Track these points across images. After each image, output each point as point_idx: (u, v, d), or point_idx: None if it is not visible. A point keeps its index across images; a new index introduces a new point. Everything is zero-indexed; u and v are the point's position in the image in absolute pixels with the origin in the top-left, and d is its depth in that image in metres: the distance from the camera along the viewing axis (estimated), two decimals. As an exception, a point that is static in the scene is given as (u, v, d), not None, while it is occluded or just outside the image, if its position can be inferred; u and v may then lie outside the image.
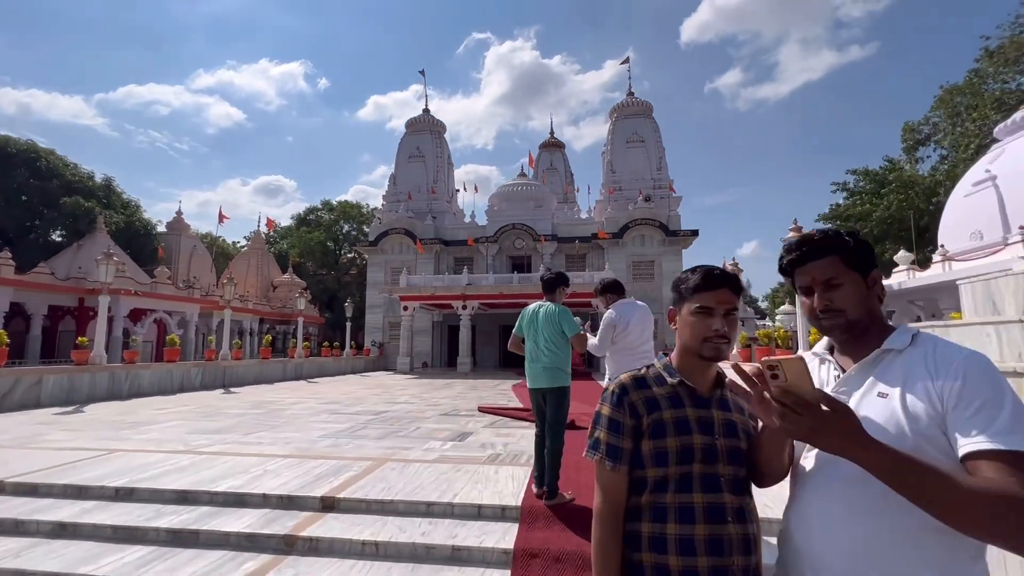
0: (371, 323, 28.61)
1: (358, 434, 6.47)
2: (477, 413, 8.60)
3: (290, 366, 18.34)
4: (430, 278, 22.92)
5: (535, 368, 3.76)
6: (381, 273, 28.63)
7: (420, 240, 27.46)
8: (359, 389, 13.70)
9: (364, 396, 11.61)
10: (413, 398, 11.22)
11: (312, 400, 10.61)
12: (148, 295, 23.50)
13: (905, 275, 19.47)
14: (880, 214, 29.41)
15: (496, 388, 14.17)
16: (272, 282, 40.53)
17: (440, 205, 30.04)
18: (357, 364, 23.67)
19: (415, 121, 31.97)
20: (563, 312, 3.76)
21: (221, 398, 11.17)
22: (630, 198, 27.50)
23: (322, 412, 8.65)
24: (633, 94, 30.29)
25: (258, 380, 16.27)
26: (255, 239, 41.39)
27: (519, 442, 5.94)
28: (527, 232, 26.90)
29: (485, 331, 28.00)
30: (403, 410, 8.95)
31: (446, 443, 5.88)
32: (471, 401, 10.56)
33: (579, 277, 22.19)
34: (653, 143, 28.57)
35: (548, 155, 40.71)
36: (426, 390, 13.52)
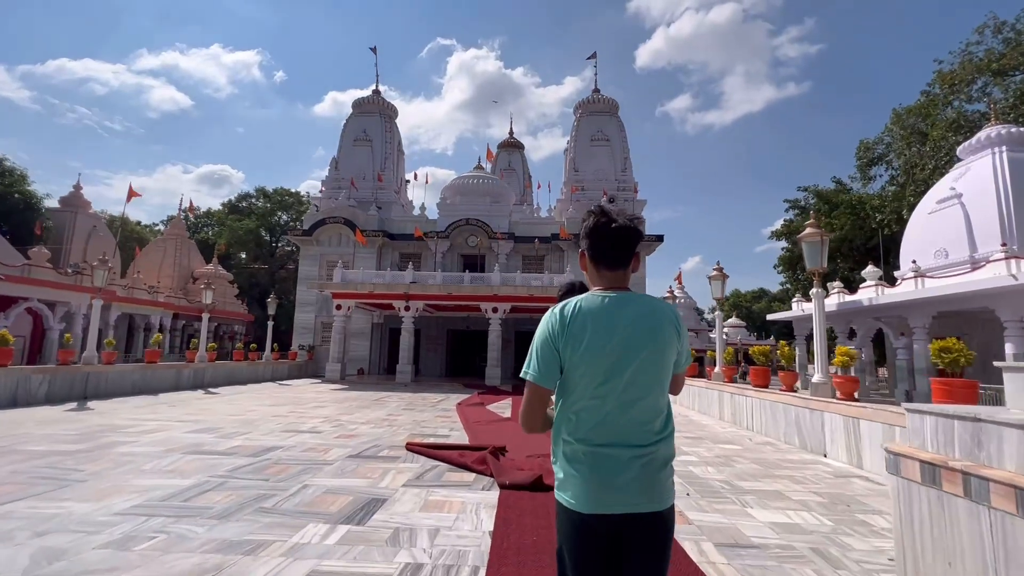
0: (301, 323, 25.29)
1: (194, 505, 3.92)
2: (403, 453, 6.19)
3: (187, 373, 15.05)
4: (369, 274, 20.09)
5: (614, 460, 1.37)
6: (315, 267, 25.39)
7: (362, 232, 24.51)
8: (262, 407, 10.85)
9: (260, 419, 8.86)
10: (326, 423, 8.61)
11: (181, 426, 7.79)
12: (16, 280, 19.24)
13: (874, 291, 18.60)
14: (834, 234, 29.48)
15: (438, 406, 11.73)
16: (192, 273, 35.94)
17: (387, 195, 27.19)
18: (279, 370, 20.42)
19: (363, 102, 28.98)
20: (679, 318, 1.53)
21: (45, 421, 8.10)
22: (593, 199, 25.80)
23: (176, 451, 5.95)
24: (599, 91, 28.79)
25: (139, 390, 12.98)
26: (173, 224, 36.69)
27: (458, 529, 3.61)
28: (482, 229, 24.59)
29: (431, 335, 25.38)
30: (300, 447, 6.38)
31: (333, 530, 3.47)
32: (401, 429, 8.10)
33: (537, 280, 20.14)
34: (618, 143, 27.12)
35: (507, 155, 38.67)
36: (349, 408, 10.88)
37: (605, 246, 1.44)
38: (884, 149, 31.05)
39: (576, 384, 1.38)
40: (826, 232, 7.70)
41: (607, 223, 1.43)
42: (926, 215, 19.13)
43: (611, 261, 1.45)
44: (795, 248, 32.09)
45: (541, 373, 1.38)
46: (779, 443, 7.80)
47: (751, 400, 9.19)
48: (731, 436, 8.42)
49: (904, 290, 17.07)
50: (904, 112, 29.38)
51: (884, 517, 4.16)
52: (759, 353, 9.25)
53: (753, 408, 9.10)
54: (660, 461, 1.39)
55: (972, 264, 15.55)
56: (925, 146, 26.77)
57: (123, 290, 27.13)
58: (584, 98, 28.44)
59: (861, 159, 31.61)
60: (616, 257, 1.45)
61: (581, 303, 1.42)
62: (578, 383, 1.38)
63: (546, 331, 1.40)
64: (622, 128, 27.55)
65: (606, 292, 1.43)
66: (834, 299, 18.80)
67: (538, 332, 1.44)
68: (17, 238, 25.01)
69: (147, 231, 46.78)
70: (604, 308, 1.40)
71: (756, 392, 9.01)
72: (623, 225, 1.44)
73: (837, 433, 6.50)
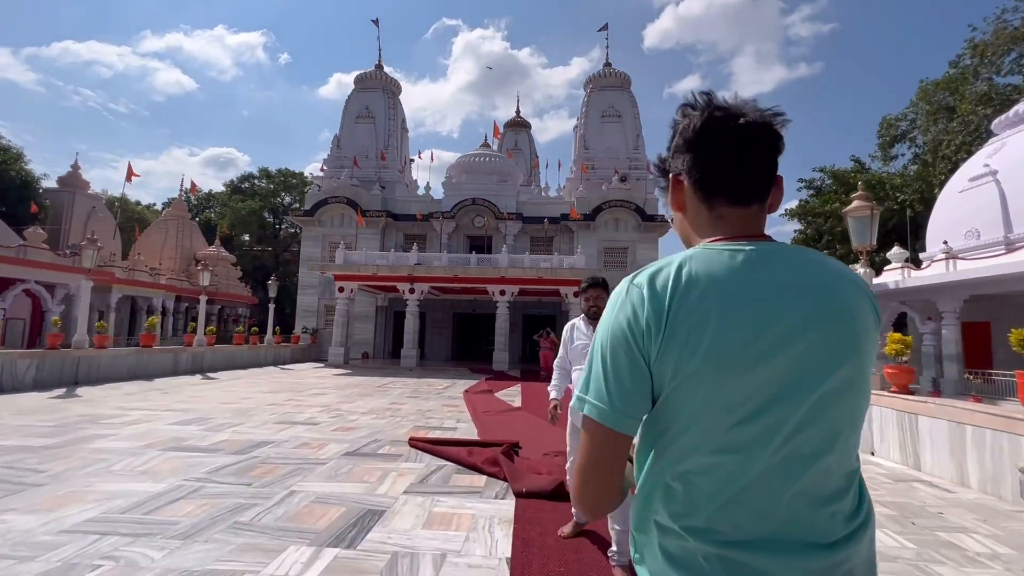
0: (304, 305, 24.77)
1: (159, 518, 3.33)
2: (406, 450, 5.59)
3: (185, 357, 14.57)
4: (372, 255, 19.43)
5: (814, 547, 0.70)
6: (317, 248, 24.76)
7: (366, 212, 23.78)
8: (258, 393, 10.32)
9: (255, 407, 8.31)
10: (324, 412, 8.05)
11: (167, 417, 7.24)
12: (12, 261, 18.76)
13: (900, 274, 17.75)
14: (852, 212, 28.39)
15: (444, 394, 11.16)
16: (195, 255, 35.45)
17: (390, 174, 26.36)
18: (281, 354, 19.96)
19: (366, 77, 27.95)
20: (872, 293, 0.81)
21: (25, 410, 7.59)
22: (604, 178, 24.90)
23: (155, 446, 5.38)
24: (610, 65, 27.58)
25: (134, 375, 12.51)
26: (175, 205, 36.09)
27: (469, 554, 2.99)
28: (488, 209, 23.78)
29: (436, 319, 24.82)
30: (293, 443, 5.80)
31: (318, 556, 2.86)
32: (404, 421, 7.51)
33: (546, 261, 19.41)
34: (631, 119, 26.04)
35: (513, 134, 37.55)
36: (351, 396, 10.33)
37: (729, 160, 0.79)
38: (908, 126, 29.74)
39: (688, 422, 0.72)
40: (876, 206, 6.93)
41: (729, 118, 0.78)
42: (956, 194, 18.13)
43: (741, 187, 0.79)
44: (808, 229, 31.07)
45: (615, 404, 0.73)
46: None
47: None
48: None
49: (934, 272, 16.19)
50: (931, 86, 27.98)
51: (972, 537, 3.51)
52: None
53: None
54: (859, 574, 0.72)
55: (1007, 245, 14.66)
56: (952, 122, 25.51)
57: (124, 272, 26.67)
58: (595, 72, 27.26)
59: (883, 136, 30.31)
60: (749, 179, 0.79)
61: (692, 265, 0.73)
62: (693, 421, 0.71)
63: (621, 323, 0.74)
64: (634, 103, 26.43)
65: (735, 244, 0.76)
66: (856, 282, 18.01)
67: (602, 328, 0.78)
68: (14, 219, 24.52)
69: (150, 212, 46.25)
70: (741, 273, 0.72)
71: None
72: (756, 121, 0.78)
73: (889, 430, 5.84)
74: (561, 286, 18.64)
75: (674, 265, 0.73)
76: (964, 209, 17.03)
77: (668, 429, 0.73)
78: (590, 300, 3.04)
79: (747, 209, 0.79)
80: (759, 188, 0.79)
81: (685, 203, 0.83)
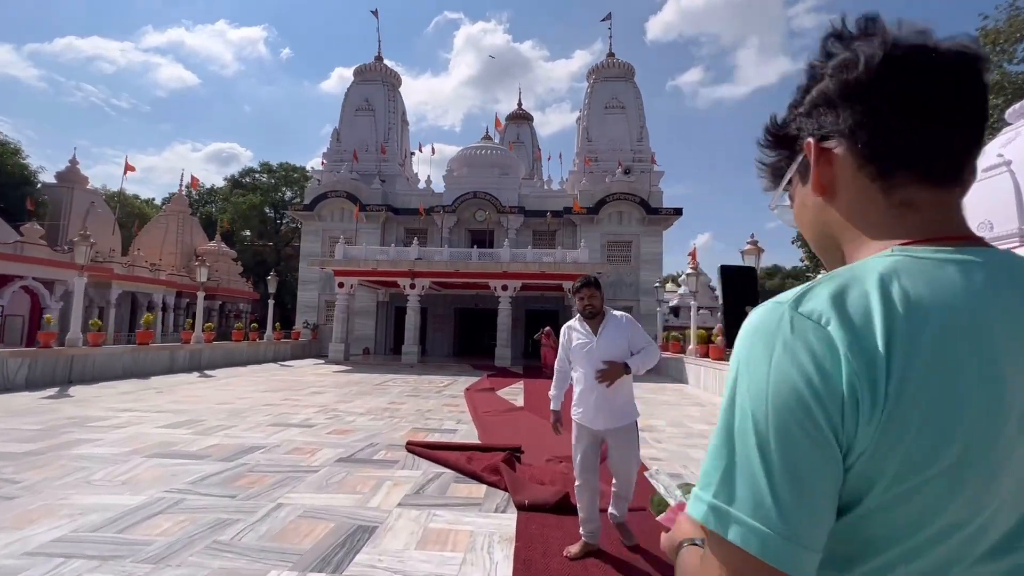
0: (304, 301, 24.57)
1: (132, 538, 3.08)
2: (402, 455, 5.33)
3: (182, 355, 14.36)
4: (373, 250, 19.16)
5: None
6: (317, 243, 24.51)
7: (366, 206, 23.49)
8: (255, 392, 10.10)
9: (249, 408, 8.08)
10: (321, 413, 7.81)
11: (158, 419, 7.01)
12: (9, 257, 18.59)
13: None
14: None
15: (445, 392, 10.91)
16: (196, 250, 35.27)
17: (391, 168, 26.03)
18: (281, 350, 19.77)
19: (365, 69, 27.56)
20: None
21: (13, 411, 7.37)
22: (607, 170, 24.51)
23: (140, 452, 5.15)
24: (613, 55, 27.09)
25: (129, 373, 12.31)
26: (175, 200, 35.88)
27: (466, 580, 2.73)
28: (490, 202, 23.45)
29: (438, 314, 24.58)
30: (285, 448, 5.56)
31: (300, 586, 2.60)
32: (403, 422, 7.27)
33: (549, 256, 19.11)
34: (634, 110, 25.60)
35: (515, 127, 37.06)
36: (349, 395, 10.09)
37: (932, 114, 0.49)
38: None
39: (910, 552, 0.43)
40: None
41: (928, 49, 0.50)
42: (968, 185, 17.78)
43: (946, 156, 0.50)
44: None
45: (792, 527, 0.41)
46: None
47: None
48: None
49: (946, 265, 15.89)
50: (941, 75, 27.38)
51: None
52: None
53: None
54: None
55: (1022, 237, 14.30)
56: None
57: (123, 268, 26.52)
58: (598, 63, 26.79)
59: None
60: (960, 144, 0.50)
61: (906, 285, 0.44)
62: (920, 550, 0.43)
63: (793, 383, 0.43)
64: (638, 95, 25.97)
65: (954, 251, 0.47)
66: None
67: (751, 388, 0.45)
68: (12, 214, 24.34)
69: (151, 208, 46.06)
70: (990, 302, 0.44)
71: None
72: (970, 54, 0.49)
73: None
74: (564, 281, 18.35)
75: (872, 283, 0.44)
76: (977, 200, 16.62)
77: (861, 559, 0.45)
78: (584, 299, 2.98)
79: (948, 193, 0.50)
80: (968, 159, 0.50)
81: (836, 182, 0.54)
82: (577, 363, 3.00)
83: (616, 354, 2.85)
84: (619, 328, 2.94)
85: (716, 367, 12.28)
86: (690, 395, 11.84)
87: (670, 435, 6.84)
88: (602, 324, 2.95)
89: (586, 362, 2.90)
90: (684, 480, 1.07)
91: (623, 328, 2.95)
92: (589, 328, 2.97)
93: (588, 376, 2.88)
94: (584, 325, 3.01)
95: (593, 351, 2.89)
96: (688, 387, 13.64)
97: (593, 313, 2.97)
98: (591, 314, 2.97)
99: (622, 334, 2.92)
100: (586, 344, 2.93)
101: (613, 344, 2.88)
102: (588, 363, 2.89)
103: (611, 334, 2.91)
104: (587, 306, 2.98)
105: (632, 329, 2.97)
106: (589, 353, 2.90)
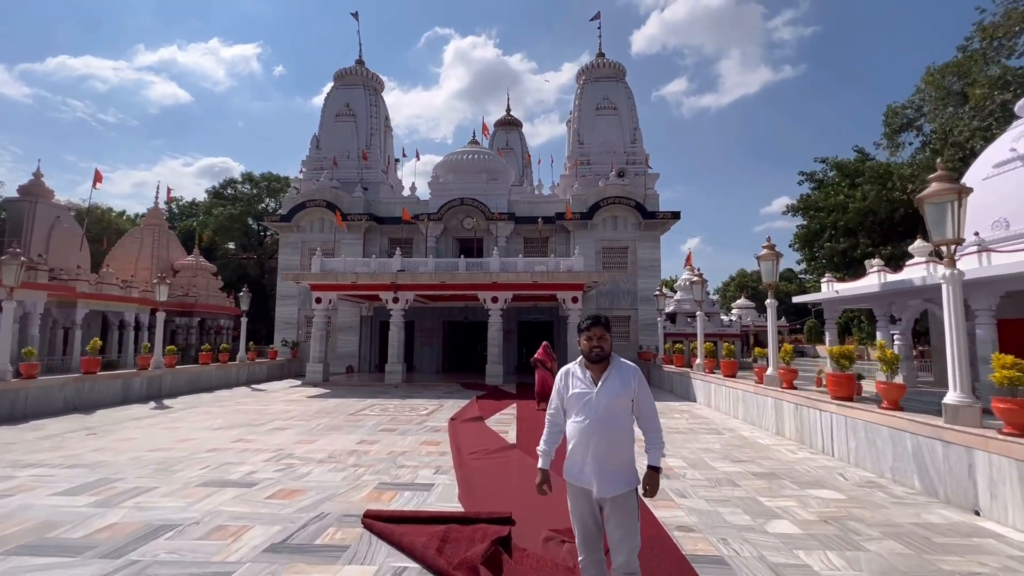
0: (283, 317, 23.18)
1: None
2: (356, 535, 4.05)
3: (138, 382, 12.94)
4: (352, 262, 17.84)
5: None
6: (296, 255, 23.15)
7: (347, 215, 22.20)
8: (206, 431, 8.73)
9: (188, 456, 6.74)
10: (272, 461, 6.49)
11: (63, 476, 5.66)
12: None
13: (926, 269, 16.31)
14: (856, 205, 27.13)
15: (427, 422, 9.61)
16: (172, 265, 33.73)
17: (374, 175, 24.80)
18: (256, 372, 18.34)
19: (346, 73, 26.39)
20: None
21: None
22: (600, 173, 23.45)
23: (5, 542, 3.83)
24: (604, 55, 26.15)
25: (73, 407, 10.91)
26: (151, 213, 34.27)
27: None
28: (478, 209, 22.26)
29: (426, 328, 23.26)
30: (206, 524, 4.25)
31: None
32: (369, 473, 5.97)
33: (541, 264, 17.92)
34: (626, 111, 24.62)
35: (504, 134, 35.99)
36: (315, 430, 8.76)
37: None
38: (914, 113, 28.50)
39: None
40: (966, 189, 5.49)
41: None
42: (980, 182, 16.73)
43: None
44: (812, 224, 29.75)
45: None
46: (888, 484, 5.68)
47: (830, 417, 7.06)
48: (813, 470, 6.29)
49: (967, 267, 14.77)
50: (938, 71, 26.74)
51: None
52: (839, 354, 7.05)
53: (833, 427, 6.98)
54: None
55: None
56: (965, 107, 24.28)
57: (91, 286, 24.98)
58: (588, 63, 25.82)
59: (889, 125, 29.04)
60: None
61: None
62: None
63: None
64: (630, 95, 25.01)
65: None
66: (874, 278, 16.62)
67: None
68: (-32, 231, 22.74)
69: (128, 223, 44.38)
70: None
71: (839, 407, 6.87)
72: None
73: (1003, 483, 4.38)
74: (558, 290, 17.16)
75: None
76: (989, 197, 15.64)
77: None
78: (592, 340, 2.63)
79: None
80: None
81: None
82: (572, 413, 2.64)
83: (616, 409, 2.54)
84: (625, 381, 2.59)
85: (729, 384, 11.13)
86: (702, 417, 10.65)
87: (693, 483, 5.62)
88: (606, 372, 2.61)
89: (582, 413, 2.55)
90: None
91: (629, 382, 2.59)
92: (591, 375, 2.63)
93: (583, 429, 2.54)
94: (585, 371, 2.66)
95: (592, 402, 2.55)
96: (697, 406, 12.46)
97: (600, 357, 2.61)
98: (598, 358, 2.62)
99: (627, 388, 2.57)
100: (585, 394, 2.58)
101: (615, 397, 2.54)
102: (584, 415, 2.54)
103: (614, 385, 2.56)
104: (595, 347, 2.61)
105: (639, 387, 2.60)
106: (587, 404, 2.55)
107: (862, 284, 16.88)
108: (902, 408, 6.07)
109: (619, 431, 2.53)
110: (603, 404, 2.52)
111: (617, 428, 2.52)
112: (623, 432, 2.54)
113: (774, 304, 9.13)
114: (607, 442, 2.49)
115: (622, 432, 2.54)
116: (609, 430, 2.50)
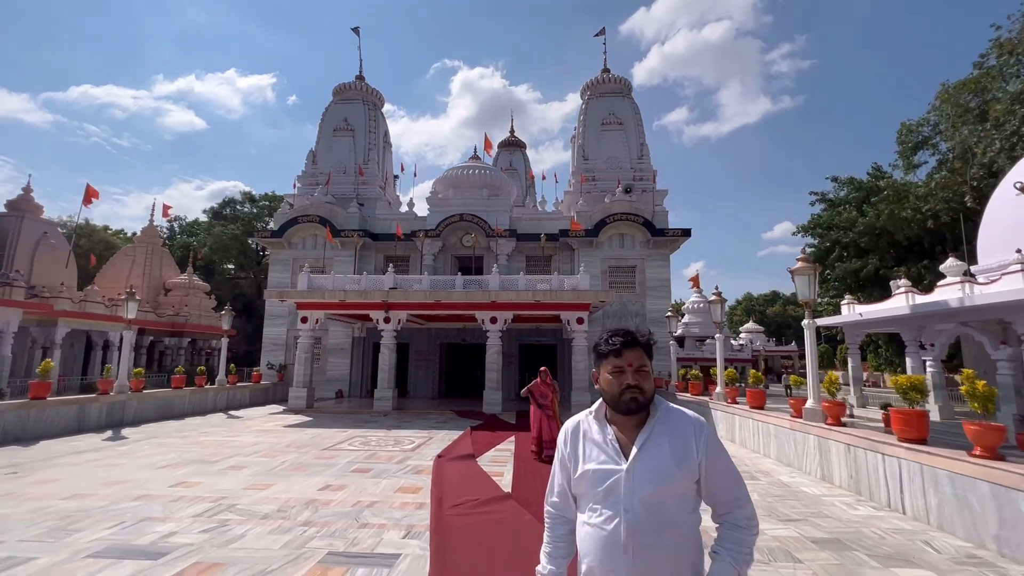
0: (271, 338, 21.97)
1: None
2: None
3: (96, 409, 11.68)
4: (341, 279, 16.70)
5: None
6: (287, 273, 22.09)
7: (340, 231, 21.20)
8: (149, 469, 7.44)
9: (102, 506, 5.46)
10: (204, 516, 5.20)
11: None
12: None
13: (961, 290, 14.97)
14: (870, 220, 26.06)
15: (410, 459, 8.28)
16: (164, 284, 32.78)
17: (371, 191, 23.91)
18: (236, 397, 17.03)
19: (345, 88, 25.82)
20: None
21: None
22: (606, 190, 22.47)
23: None
24: (609, 71, 25.52)
25: (13, 437, 9.67)
26: (145, 231, 33.53)
27: None
28: (478, 225, 21.22)
29: (421, 350, 21.98)
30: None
31: None
32: (321, 535, 4.66)
33: (544, 283, 16.74)
34: (633, 126, 23.79)
35: (508, 154, 35.25)
36: (277, 470, 7.45)
37: None
38: (930, 131, 27.59)
39: None
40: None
41: None
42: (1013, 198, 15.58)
43: None
44: (822, 244, 28.63)
45: None
46: (995, 559, 4.33)
47: (897, 463, 5.73)
48: (888, 535, 4.93)
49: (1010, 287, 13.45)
50: (954, 88, 25.93)
51: None
52: (909, 385, 5.74)
53: (903, 476, 5.64)
54: None
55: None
56: (986, 124, 23.34)
57: (74, 304, 23.95)
58: (592, 78, 25.16)
59: (904, 143, 28.12)
60: None
61: None
62: None
63: None
64: (637, 111, 24.23)
65: None
66: (901, 300, 15.32)
67: None
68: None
69: (124, 240, 43.70)
70: None
71: (909, 451, 5.54)
72: None
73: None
74: (562, 311, 15.92)
75: None
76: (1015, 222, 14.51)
77: None
78: (625, 374, 1.42)
79: None
80: None
81: None
82: (586, 506, 1.43)
83: (666, 501, 1.34)
84: (681, 445, 1.39)
85: (757, 417, 9.77)
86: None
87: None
88: (646, 431, 1.40)
89: (604, 507, 1.37)
90: None
91: (689, 447, 1.39)
92: (617, 437, 1.43)
93: (607, 539, 1.33)
94: (607, 429, 1.46)
95: (621, 486, 1.36)
96: (718, 441, 11.07)
97: (639, 406, 1.40)
98: (635, 407, 1.40)
99: (686, 459, 1.37)
100: (609, 473, 1.39)
101: (665, 477, 1.35)
102: (608, 509, 1.36)
103: (662, 454, 1.37)
104: (631, 388, 1.40)
105: (708, 454, 1.40)
106: (612, 492, 1.37)
107: (888, 306, 15.57)
108: (1002, 457, 4.75)
109: (674, 540, 1.34)
110: (644, 492, 1.35)
111: (670, 535, 1.33)
112: (681, 541, 1.35)
113: (812, 325, 7.88)
114: (654, 562, 1.31)
115: (679, 541, 1.34)
116: (655, 539, 1.32)
